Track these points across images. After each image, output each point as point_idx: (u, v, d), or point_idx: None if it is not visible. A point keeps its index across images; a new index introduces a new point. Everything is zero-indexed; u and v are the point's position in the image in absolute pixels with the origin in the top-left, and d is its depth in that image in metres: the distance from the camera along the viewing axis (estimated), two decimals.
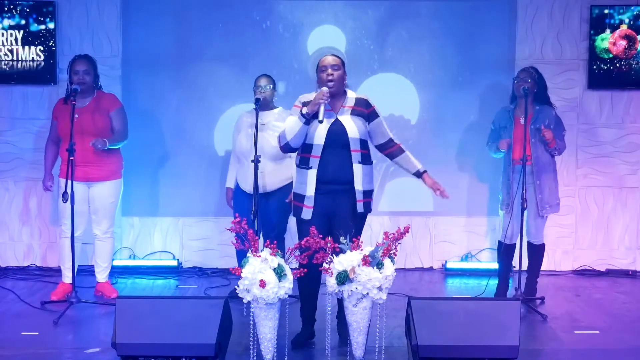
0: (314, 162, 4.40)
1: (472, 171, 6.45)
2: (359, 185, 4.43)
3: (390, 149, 4.58)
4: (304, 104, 4.43)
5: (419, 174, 4.60)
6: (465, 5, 6.40)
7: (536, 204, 5.43)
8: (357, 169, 4.42)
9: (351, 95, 4.52)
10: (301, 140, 4.40)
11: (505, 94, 5.87)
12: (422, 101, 6.46)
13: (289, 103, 4.73)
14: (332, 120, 4.41)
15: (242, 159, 5.47)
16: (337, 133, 4.39)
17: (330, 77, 4.40)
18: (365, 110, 4.49)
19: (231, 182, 5.68)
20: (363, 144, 4.46)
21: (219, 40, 6.38)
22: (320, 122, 4.31)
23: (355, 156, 4.42)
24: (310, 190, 4.42)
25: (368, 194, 4.51)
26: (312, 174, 4.41)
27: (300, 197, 4.47)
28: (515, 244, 5.46)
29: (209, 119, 6.41)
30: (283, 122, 5.40)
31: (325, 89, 4.35)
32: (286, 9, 6.39)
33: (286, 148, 4.47)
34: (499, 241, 5.58)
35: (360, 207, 4.45)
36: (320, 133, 4.38)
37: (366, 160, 4.48)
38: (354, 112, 4.46)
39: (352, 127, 4.41)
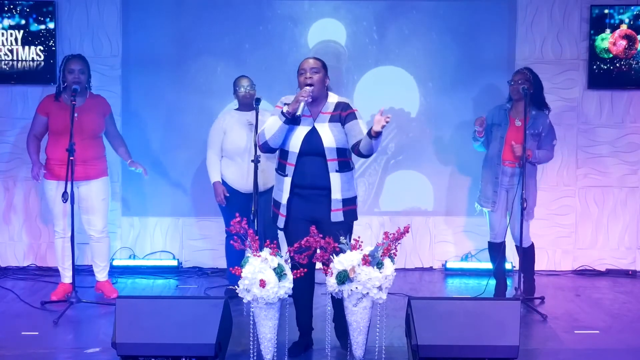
0: (290, 169, 4.33)
1: (473, 171, 6.43)
2: (337, 194, 4.31)
3: (357, 145, 4.32)
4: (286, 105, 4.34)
5: (369, 134, 4.16)
6: (465, 5, 6.40)
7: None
8: (335, 178, 4.31)
9: (332, 100, 4.39)
10: (280, 141, 4.30)
11: (505, 95, 5.87)
12: (422, 96, 6.47)
13: None
14: (309, 128, 4.31)
15: (236, 158, 5.48)
16: (312, 142, 4.29)
17: (308, 81, 4.27)
18: (343, 113, 4.34)
19: (218, 175, 5.57)
20: (340, 152, 4.32)
21: (218, 38, 6.38)
22: (298, 116, 4.22)
23: (332, 165, 4.30)
24: (285, 197, 4.35)
25: (350, 202, 4.37)
26: (287, 182, 4.34)
27: (277, 204, 4.42)
28: (504, 241, 5.46)
29: (209, 118, 6.38)
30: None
31: (308, 87, 4.24)
32: (285, 5, 6.39)
33: (265, 147, 4.36)
34: (489, 242, 5.59)
35: (337, 217, 4.32)
36: (295, 141, 4.30)
37: (344, 168, 4.35)
38: (333, 119, 4.33)
39: (329, 136, 4.29)
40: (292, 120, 4.25)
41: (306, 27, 6.41)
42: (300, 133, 4.30)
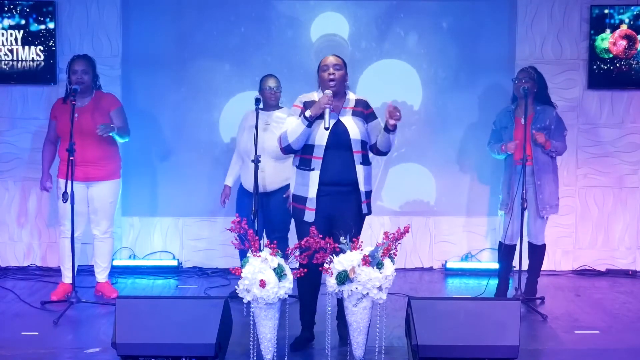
0: (316, 163, 4.38)
1: (473, 171, 6.45)
2: (362, 186, 4.43)
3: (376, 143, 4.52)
4: (305, 105, 4.44)
5: (386, 129, 4.38)
6: (465, 5, 6.40)
7: (536, 204, 5.42)
8: (360, 170, 4.42)
9: (352, 97, 4.53)
10: (303, 143, 4.39)
11: (505, 94, 5.88)
12: (425, 90, 6.47)
13: (292, 96, 4.72)
14: (334, 121, 4.40)
15: (245, 158, 5.48)
16: (339, 134, 4.39)
17: (332, 77, 4.39)
18: (365, 111, 4.51)
19: (230, 180, 5.69)
20: (363, 145, 4.47)
21: (219, 36, 6.37)
22: (327, 129, 4.31)
23: (357, 157, 4.42)
24: (312, 192, 4.39)
25: (368, 195, 4.52)
26: (314, 176, 4.38)
27: (302, 199, 4.44)
28: (515, 244, 5.46)
29: (210, 117, 6.41)
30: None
31: (329, 91, 4.34)
32: (286, 1, 6.39)
33: (287, 150, 4.45)
34: (500, 242, 5.58)
35: (364, 209, 4.47)
36: (322, 134, 4.37)
37: (366, 161, 4.49)
38: (355, 113, 4.47)
39: (354, 128, 4.41)
40: (314, 123, 4.36)
41: (308, 22, 6.41)
42: (326, 126, 4.36)
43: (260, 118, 5.49)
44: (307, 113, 4.33)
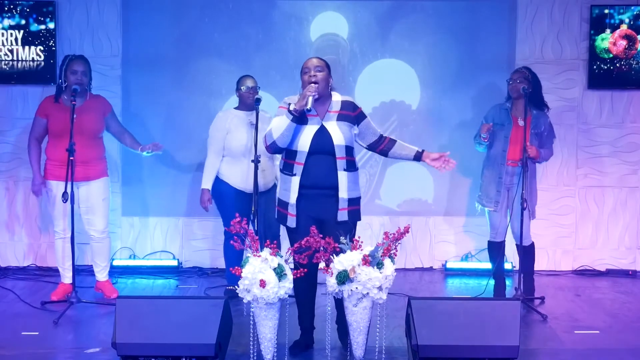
0: (298, 169, 4.32)
1: (472, 171, 6.44)
2: (344, 193, 4.32)
3: (383, 144, 4.48)
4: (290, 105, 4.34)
5: (418, 156, 4.50)
6: (465, 5, 6.41)
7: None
8: (342, 177, 4.32)
9: (336, 99, 4.41)
10: (288, 140, 4.30)
11: (504, 94, 5.86)
12: (423, 90, 6.47)
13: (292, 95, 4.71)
14: (318, 127, 4.32)
15: (240, 158, 5.47)
16: (322, 140, 4.30)
17: (313, 79, 4.28)
18: (352, 113, 4.39)
19: (209, 183, 5.58)
20: (348, 150, 4.36)
21: (219, 37, 6.38)
22: (308, 111, 4.21)
23: (341, 163, 4.32)
24: (292, 197, 4.34)
25: (355, 202, 4.40)
26: (295, 181, 4.32)
27: (284, 204, 4.39)
28: (504, 240, 5.47)
29: (210, 117, 6.36)
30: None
31: (313, 84, 4.26)
32: (286, 1, 6.39)
33: (273, 148, 4.35)
34: (489, 241, 5.59)
35: (343, 216, 4.34)
36: (304, 139, 4.30)
37: (351, 167, 4.37)
38: (340, 117, 4.36)
39: (338, 133, 4.31)
40: (299, 118, 4.27)
41: (308, 22, 6.41)
42: (308, 132, 4.31)
43: (241, 118, 5.50)
44: (291, 107, 4.24)
